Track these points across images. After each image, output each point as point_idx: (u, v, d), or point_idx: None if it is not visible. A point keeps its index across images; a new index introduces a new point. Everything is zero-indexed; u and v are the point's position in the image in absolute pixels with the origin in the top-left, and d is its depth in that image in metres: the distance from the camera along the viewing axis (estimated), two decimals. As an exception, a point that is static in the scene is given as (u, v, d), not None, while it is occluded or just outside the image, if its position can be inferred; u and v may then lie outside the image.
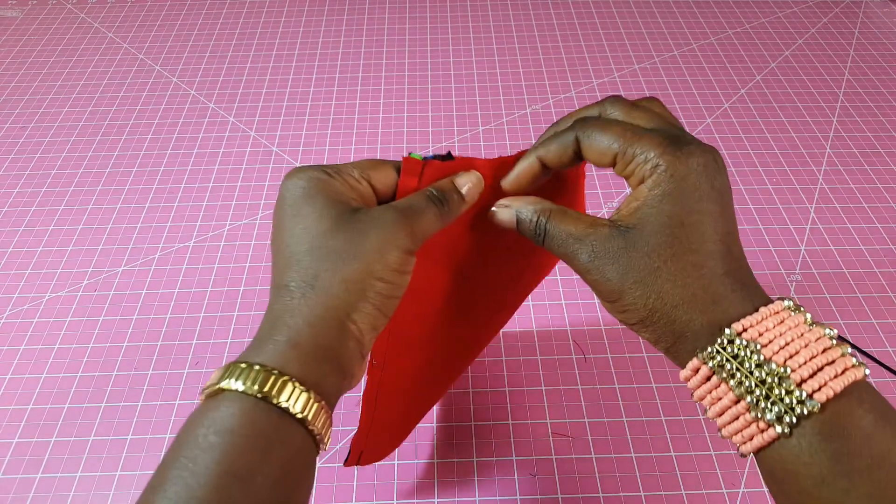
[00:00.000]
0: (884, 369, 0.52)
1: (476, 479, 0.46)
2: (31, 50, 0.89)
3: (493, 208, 0.28)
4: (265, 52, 0.88)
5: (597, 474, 0.46)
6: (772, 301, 0.23)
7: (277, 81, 0.84)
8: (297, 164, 0.72)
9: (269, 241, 0.64)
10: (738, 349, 0.22)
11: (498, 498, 0.45)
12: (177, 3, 0.98)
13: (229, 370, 0.22)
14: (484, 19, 0.94)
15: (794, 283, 0.59)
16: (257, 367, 0.21)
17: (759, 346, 0.21)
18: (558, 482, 0.46)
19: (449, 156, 0.28)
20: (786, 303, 0.23)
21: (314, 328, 0.22)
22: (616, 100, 0.27)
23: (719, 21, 0.92)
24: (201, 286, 0.60)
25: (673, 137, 0.24)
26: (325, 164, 0.26)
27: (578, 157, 0.26)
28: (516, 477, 0.46)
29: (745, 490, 0.46)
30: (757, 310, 0.22)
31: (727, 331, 0.22)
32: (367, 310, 0.23)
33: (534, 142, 0.84)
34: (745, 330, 0.22)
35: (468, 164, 0.28)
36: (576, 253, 0.25)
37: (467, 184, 0.27)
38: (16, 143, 0.75)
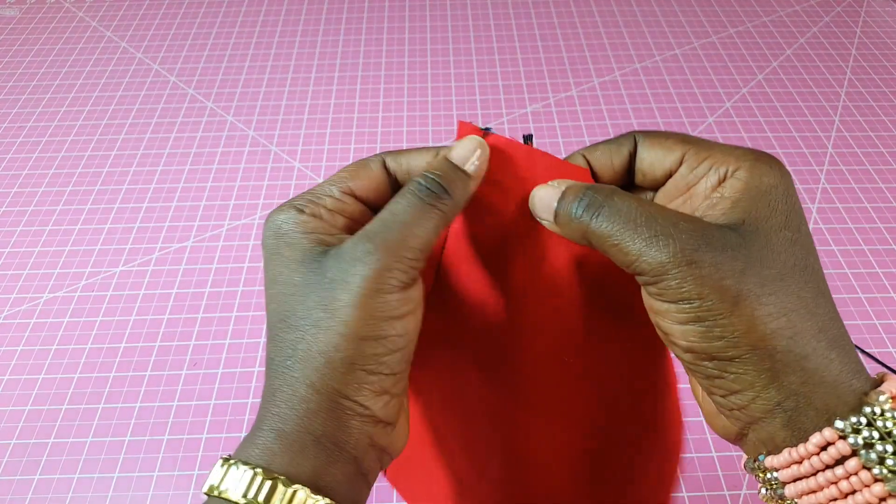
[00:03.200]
0: (886, 370, 0.52)
1: (476, 481, 0.46)
2: (29, 49, 0.89)
3: (533, 191, 0.20)
4: (264, 51, 0.88)
5: (597, 476, 0.46)
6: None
7: (276, 80, 0.83)
8: (297, 164, 0.72)
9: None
10: (892, 423, 0.16)
11: (498, 500, 0.45)
12: (175, 1, 0.98)
13: (225, 468, 0.18)
14: (484, 18, 0.94)
15: (795, 284, 0.59)
16: (244, 468, 0.18)
17: None
18: (559, 484, 0.46)
19: (529, 138, 0.21)
20: None
21: (298, 412, 0.18)
22: None
23: (721, 20, 0.92)
24: (199, 286, 0.59)
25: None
26: (303, 192, 0.21)
27: (630, 166, 0.21)
28: (516, 479, 0.46)
29: (746, 492, 0.45)
30: (883, 379, 0.17)
31: (878, 397, 0.16)
32: (363, 379, 0.19)
33: (534, 141, 0.83)
34: (894, 398, 0.16)
35: (532, 156, 0.20)
36: (659, 238, 0.17)
37: (469, 155, 0.20)
38: (13, 143, 0.75)
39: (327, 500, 0.18)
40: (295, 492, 0.17)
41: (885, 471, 0.15)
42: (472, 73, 0.84)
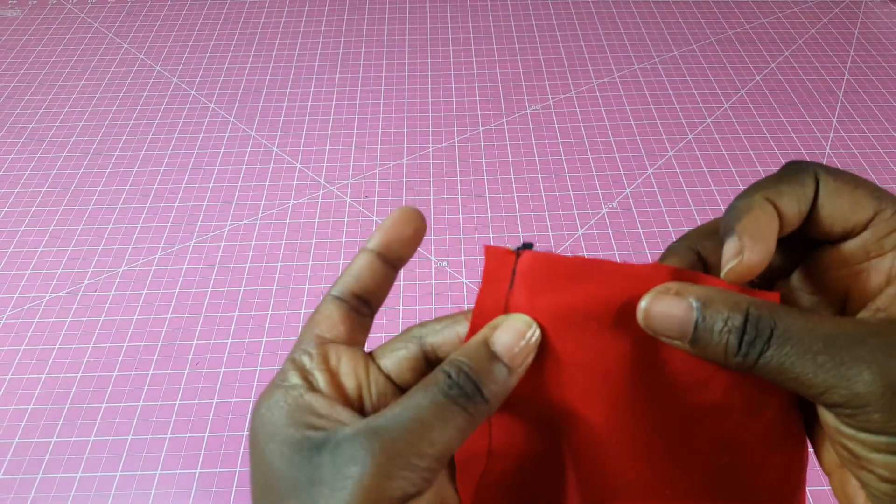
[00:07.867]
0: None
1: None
2: (32, 50, 0.89)
3: (644, 303, 0.16)
4: (265, 52, 0.88)
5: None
6: None
7: (278, 81, 0.84)
8: (298, 165, 0.72)
9: (268, 242, 0.64)
10: None
11: None
12: (177, 3, 0.98)
13: None
14: (484, 19, 0.94)
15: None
16: None
17: None
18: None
19: (529, 246, 0.17)
20: None
21: None
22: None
23: (719, 21, 0.92)
24: (202, 286, 0.60)
25: None
26: (291, 349, 0.18)
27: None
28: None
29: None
30: None
31: None
32: None
33: (534, 143, 0.81)
34: None
35: (588, 267, 0.16)
36: (850, 367, 0.14)
37: (515, 342, 0.16)
38: (16, 144, 0.75)
39: None
40: None
41: None
42: (472, 74, 0.84)
